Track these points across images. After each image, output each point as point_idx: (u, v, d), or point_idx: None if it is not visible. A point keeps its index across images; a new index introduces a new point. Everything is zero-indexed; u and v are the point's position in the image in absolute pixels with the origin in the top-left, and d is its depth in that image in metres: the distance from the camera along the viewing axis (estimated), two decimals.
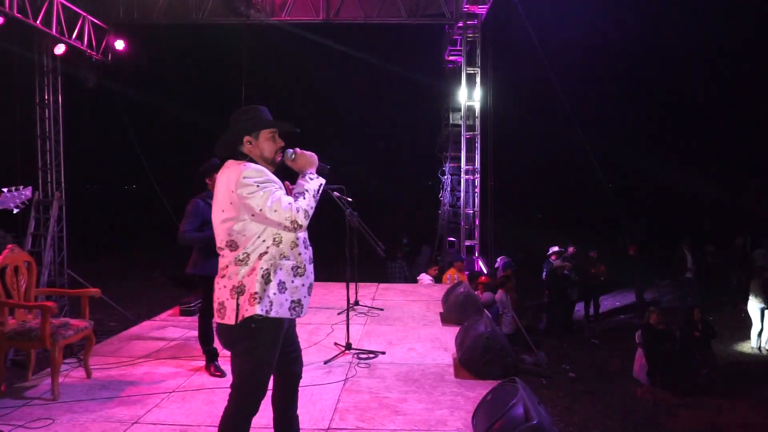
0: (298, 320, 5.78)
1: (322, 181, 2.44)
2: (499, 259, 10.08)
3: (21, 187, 3.00)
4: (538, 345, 8.71)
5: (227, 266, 2.33)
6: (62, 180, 9.21)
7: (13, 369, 6.07)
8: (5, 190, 2.94)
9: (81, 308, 4.24)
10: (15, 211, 2.98)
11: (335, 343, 4.98)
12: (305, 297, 2.42)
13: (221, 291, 2.34)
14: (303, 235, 2.44)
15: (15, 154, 9.26)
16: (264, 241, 2.30)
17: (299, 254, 2.39)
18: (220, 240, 2.37)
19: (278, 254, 2.32)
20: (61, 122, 9.18)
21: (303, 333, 5.37)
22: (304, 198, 2.30)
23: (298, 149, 2.47)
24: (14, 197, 2.93)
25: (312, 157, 2.46)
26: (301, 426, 3.33)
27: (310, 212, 2.31)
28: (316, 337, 5.28)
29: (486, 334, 4.18)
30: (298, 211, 2.24)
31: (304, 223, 2.27)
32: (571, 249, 11.16)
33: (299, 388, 3.84)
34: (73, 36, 8.37)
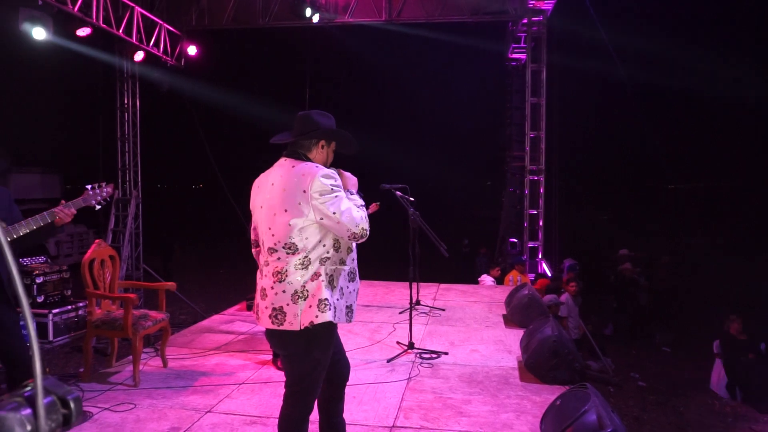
0: (360, 318, 5.82)
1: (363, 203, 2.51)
2: (565, 262, 9.80)
3: (103, 183, 3.15)
4: (604, 351, 8.38)
5: (285, 270, 2.26)
6: (139, 179, 9.75)
7: (96, 355, 6.49)
8: (89, 187, 3.10)
9: (158, 301, 4.47)
10: (97, 207, 3.14)
11: (398, 342, 5.00)
12: (355, 302, 2.44)
13: (280, 296, 2.26)
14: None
15: (99, 154, 9.91)
16: (324, 245, 2.28)
17: (353, 260, 2.41)
18: (275, 241, 2.29)
19: (338, 260, 2.32)
20: (139, 125, 9.72)
21: (365, 331, 5.43)
22: (365, 211, 2.35)
23: (340, 170, 2.50)
24: (96, 194, 3.09)
25: (353, 179, 2.50)
26: (365, 423, 3.38)
27: None
28: (379, 335, 5.32)
29: (553, 338, 4.08)
30: (366, 220, 2.29)
31: (367, 234, 2.30)
32: (642, 252, 10.71)
33: (363, 385, 3.92)
34: (151, 43, 8.84)
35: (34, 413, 0.52)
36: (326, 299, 2.24)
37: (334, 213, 2.21)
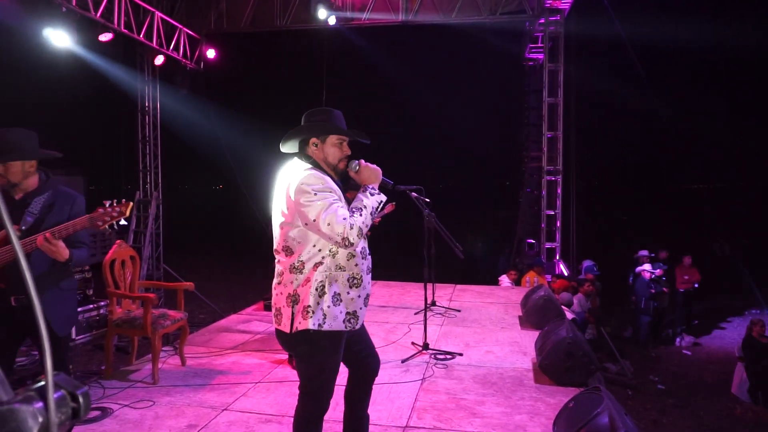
0: (375, 318, 5.80)
1: (383, 197, 2.35)
2: (584, 263, 9.72)
3: (121, 201, 2.51)
4: (623, 353, 8.30)
5: (283, 273, 2.30)
6: (160, 180, 9.92)
7: (116, 354, 6.64)
8: (107, 203, 2.49)
9: (177, 300, 4.56)
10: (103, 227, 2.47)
11: (412, 343, 5.02)
12: (361, 308, 2.34)
13: (278, 297, 2.31)
14: (362, 244, 2.36)
15: (121, 156, 10.11)
16: (320, 250, 2.24)
17: (356, 265, 2.31)
18: (277, 243, 2.33)
19: (334, 265, 2.26)
20: (159, 127, 9.89)
21: (381, 331, 5.46)
22: (361, 214, 2.20)
23: (362, 161, 2.39)
24: (106, 213, 2.46)
25: (376, 171, 2.36)
26: (379, 422, 3.41)
27: (365, 230, 2.22)
28: (394, 336, 5.34)
29: (568, 339, 4.05)
30: (351, 228, 2.13)
31: (356, 240, 2.16)
32: (663, 254, 10.55)
33: (377, 386, 3.95)
34: (170, 47, 9.00)
35: (46, 406, 0.56)
36: (309, 306, 2.22)
37: (314, 220, 2.16)
